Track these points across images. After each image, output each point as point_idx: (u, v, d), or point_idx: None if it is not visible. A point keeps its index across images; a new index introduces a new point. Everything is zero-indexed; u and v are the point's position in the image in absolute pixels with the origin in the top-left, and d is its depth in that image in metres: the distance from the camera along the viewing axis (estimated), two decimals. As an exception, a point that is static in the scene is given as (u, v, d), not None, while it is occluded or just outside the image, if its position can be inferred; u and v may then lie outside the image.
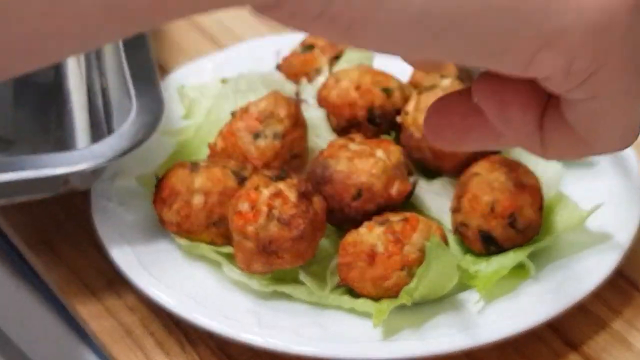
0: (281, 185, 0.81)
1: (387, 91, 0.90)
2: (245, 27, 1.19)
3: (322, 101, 0.92)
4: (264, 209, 0.79)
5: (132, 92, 0.89)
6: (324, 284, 0.83)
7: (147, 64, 0.93)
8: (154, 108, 0.88)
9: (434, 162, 0.88)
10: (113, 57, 0.96)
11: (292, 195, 0.80)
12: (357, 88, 0.91)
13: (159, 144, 0.96)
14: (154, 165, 0.92)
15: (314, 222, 0.81)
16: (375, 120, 0.90)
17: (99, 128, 0.95)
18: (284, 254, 0.80)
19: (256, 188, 0.81)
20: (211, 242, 0.85)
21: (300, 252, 0.81)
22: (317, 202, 0.82)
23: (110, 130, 0.88)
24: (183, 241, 0.85)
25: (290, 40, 1.03)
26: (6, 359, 1.02)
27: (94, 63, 1.00)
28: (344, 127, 0.91)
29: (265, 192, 0.80)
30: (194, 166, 0.86)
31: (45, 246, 0.92)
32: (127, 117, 0.87)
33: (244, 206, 0.80)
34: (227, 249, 0.84)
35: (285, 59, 1.00)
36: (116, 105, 0.93)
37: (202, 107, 0.99)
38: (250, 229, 0.79)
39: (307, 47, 0.99)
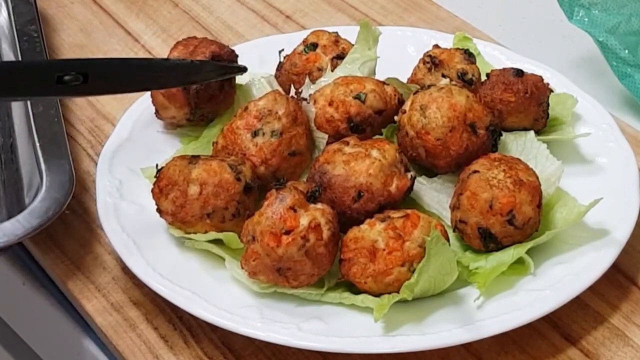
0: (318, 215, 0.81)
1: (360, 97, 0.91)
2: (248, 27, 1.20)
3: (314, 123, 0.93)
4: (299, 240, 0.80)
5: (43, 167, 0.91)
6: (322, 283, 0.84)
7: (57, 138, 0.94)
8: (64, 184, 0.89)
9: (427, 160, 0.89)
10: (23, 132, 0.97)
11: (326, 233, 0.81)
12: (331, 103, 0.91)
13: (167, 144, 0.98)
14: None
15: (333, 260, 0.82)
16: (359, 127, 0.91)
17: (9, 201, 0.95)
18: (294, 280, 0.82)
19: (294, 208, 0.81)
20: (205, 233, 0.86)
21: (308, 281, 0.82)
22: (338, 235, 0.83)
23: (21, 206, 0.89)
24: (177, 232, 0.86)
25: (292, 40, 1.04)
26: (12, 353, 1.03)
27: (3, 138, 1.01)
28: (334, 142, 0.90)
29: (304, 222, 0.80)
30: (193, 158, 0.87)
31: (51, 242, 0.93)
32: (37, 192, 0.88)
33: (280, 228, 0.80)
34: (224, 235, 0.85)
35: (288, 58, 1.00)
36: (27, 180, 0.94)
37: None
38: (279, 251, 0.80)
39: (310, 46, 1.00)
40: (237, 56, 0.99)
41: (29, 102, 0.97)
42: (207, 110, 0.97)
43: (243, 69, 0.96)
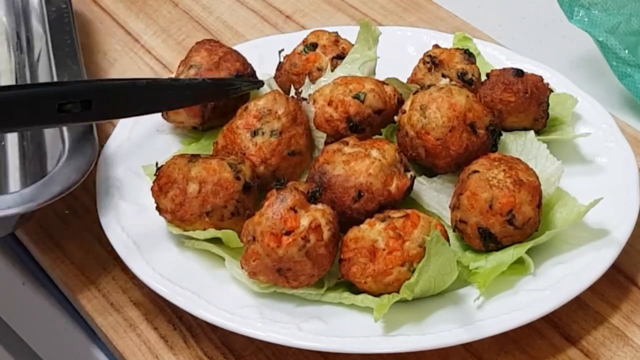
0: (318, 215, 0.81)
1: (359, 97, 0.91)
2: (248, 27, 1.20)
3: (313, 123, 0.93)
4: (300, 240, 0.80)
5: (66, 134, 0.90)
6: (321, 283, 0.84)
7: None
8: (86, 151, 0.88)
9: (427, 160, 0.89)
10: None
11: (326, 233, 0.81)
12: (330, 103, 0.91)
13: (167, 144, 0.98)
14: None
15: (333, 261, 0.82)
16: (358, 127, 0.91)
17: (32, 170, 0.95)
18: (294, 280, 0.82)
19: (294, 209, 0.81)
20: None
21: (308, 282, 0.82)
22: (338, 235, 0.83)
23: (43, 173, 0.88)
24: (176, 230, 0.86)
25: (292, 40, 1.04)
26: (12, 353, 1.03)
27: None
28: (333, 142, 0.91)
29: (304, 222, 0.80)
30: (193, 157, 0.87)
31: (51, 242, 0.93)
32: (59, 160, 0.87)
33: (281, 229, 0.80)
34: (222, 234, 0.85)
35: (288, 58, 1.00)
36: (50, 147, 0.93)
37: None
38: (279, 251, 0.80)
39: (310, 46, 1.00)
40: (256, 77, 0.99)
41: (53, 67, 0.97)
42: (215, 124, 0.97)
43: (260, 84, 0.95)
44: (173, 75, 1.06)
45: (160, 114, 0.98)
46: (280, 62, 1.01)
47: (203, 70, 0.96)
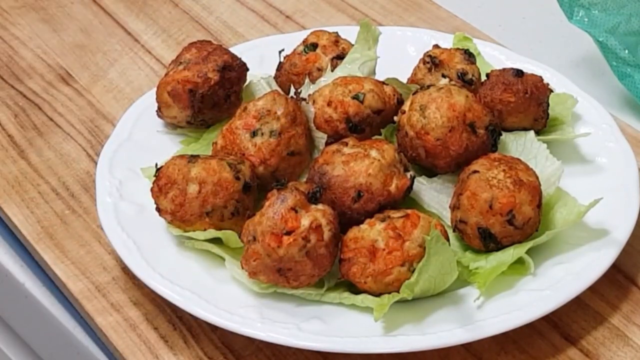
0: (319, 215, 0.81)
1: (358, 97, 0.91)
2: (248, 27, 1.20)
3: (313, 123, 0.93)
4: (301, 241, 0.80)
5: None
6: (322, 283, 0.84)
7: None
8: None
9: (427, 160, 0.89)
10: None
11: (327, 234, 0.81)
12: (329, 104, 0.91)
13: (167, 144, 0.98)
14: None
15: (333, 261, 0.82)
16: (358, 127, 0.91)
17: None
18: (294, 281, 0.82)
19: (295, 209, 0.81)
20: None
21: (308, 282, 0.82)
22: (339, 236, 0.83)
23: None
24: (176, 231, 0.86)
25: (292, 40, 1.04)
26: (12, 353, 1.03)
27: None
28: (334, 142, 0.90)
29: (305, 222, 0.80)
30: (193, 157, 0.87)
31: (51, 242, 0.93)
32: None
33: (282, 229, 0.80)
34: (222, 234, 0.85)
35: (288, 58, 1.00)
36: None
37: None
38: (280, 252, 0.80)
39: (310, 47, 1.00)
40: (247, 69, 0.99)
41: None
42: (208, 116, 0.97)
43: None
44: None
45: (156, 113, 0.99)
46: (280, 62, 1.01)
47: (191, 64, 0.97)
